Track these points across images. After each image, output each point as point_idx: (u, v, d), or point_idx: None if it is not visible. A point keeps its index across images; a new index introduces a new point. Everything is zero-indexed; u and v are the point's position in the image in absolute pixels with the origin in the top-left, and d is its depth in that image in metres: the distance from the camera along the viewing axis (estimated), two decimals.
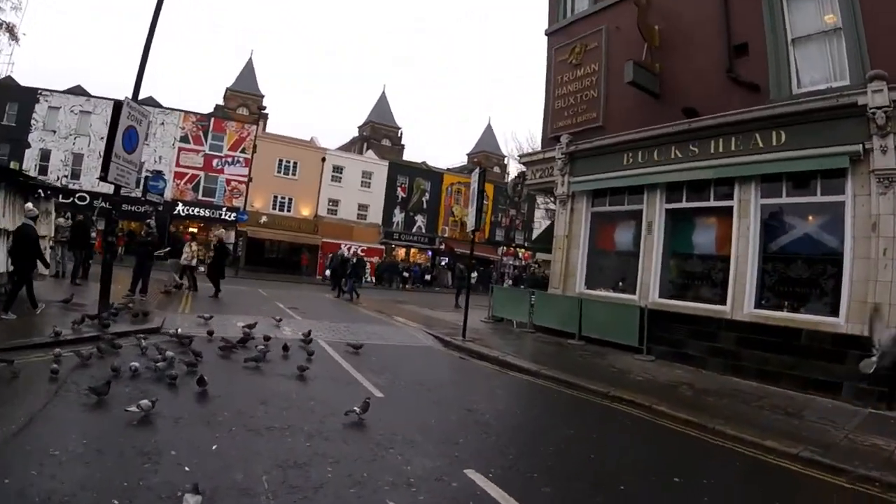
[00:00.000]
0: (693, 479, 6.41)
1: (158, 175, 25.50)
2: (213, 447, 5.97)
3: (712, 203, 13.82)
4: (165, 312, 14.24)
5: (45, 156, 39.61)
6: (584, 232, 17.07)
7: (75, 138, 39.65)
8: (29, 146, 38.85)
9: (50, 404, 6.81)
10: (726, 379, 11.79)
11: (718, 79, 13.50)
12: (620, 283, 15.96)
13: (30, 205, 13.95)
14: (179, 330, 11.34)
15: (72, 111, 40.22)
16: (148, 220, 17.73)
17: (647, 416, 8.86)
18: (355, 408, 7.32)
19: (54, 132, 39.78)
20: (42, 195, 14.76)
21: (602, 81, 16.58)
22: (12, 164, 27.90)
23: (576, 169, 17.22)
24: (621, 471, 6.48)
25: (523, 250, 53.55)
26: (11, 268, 11.82)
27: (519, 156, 23.84)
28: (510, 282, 46.86)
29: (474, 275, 36.62)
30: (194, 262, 20.41)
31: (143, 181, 27.16)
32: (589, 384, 10.21)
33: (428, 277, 45.76)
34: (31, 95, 40.17)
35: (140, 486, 4.95)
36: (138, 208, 33.87)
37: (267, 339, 11.20)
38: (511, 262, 53.23)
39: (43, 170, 37.86)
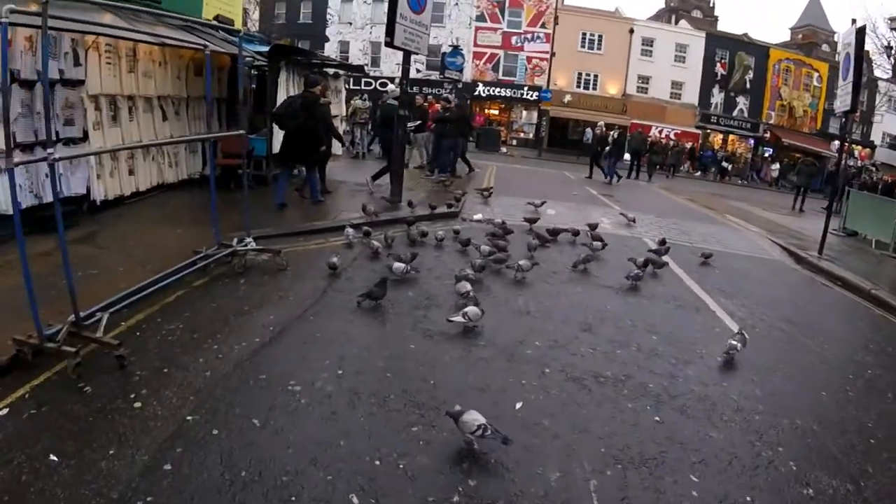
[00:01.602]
0: None
1: (456, 50, 23.67)
2: (517, 406, 4.06)
3: None
4: (466, 195, 12.84)
5: (343, 47, 41.15)
6: None
7: (371, 27, 40.22)
8: (328, 40, 40.71)
9: (310, 311, 5.51)
10: None
11: None
12: None
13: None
14: (480, 217, 10.00)
15: (364, 2, 40.80)
16: (446, 95, 15.90)
17: None
18: (735, 343, 5.22)
19: (350, 24, 41.05)
20: (329, 73, 13.86)
21: None
22: None
23: None
24: None
25: (860, 148, 43.24)
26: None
27: None
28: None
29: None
30: None
31: (440, 59, 26.08)
32: None
33: (728, 166, 38.89)
34: None
35: (399, 470, 3.28)
36: (438, 91, 33.50)
37: (598, 240, 8.92)
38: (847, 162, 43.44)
39: (344, 60, 39.14)
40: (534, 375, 4.49)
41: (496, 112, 40.34)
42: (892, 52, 23.78)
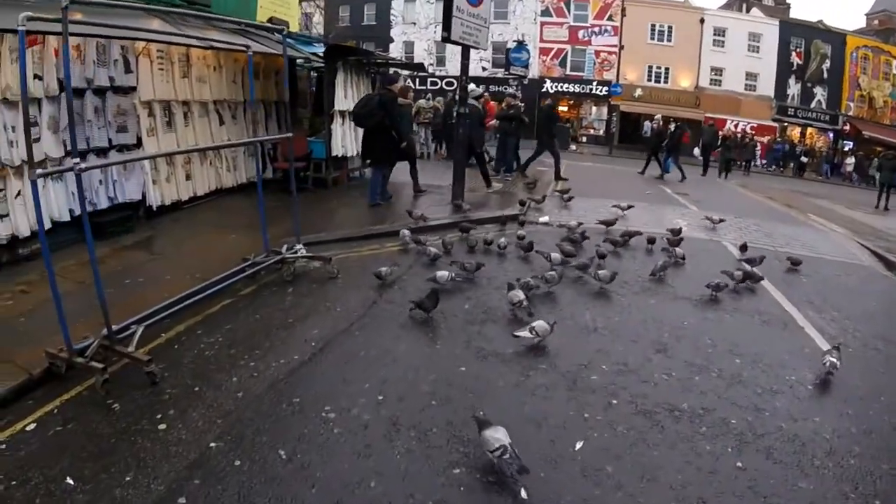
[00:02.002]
0: None
1: (521, 46, 22.91)
2: (577, 446, 3.57)
3: None
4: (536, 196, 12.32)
5: (409, 48, 40.85)
6: None
7: (435, 27, 38.56)
8: (392, 41, 40.18)
9: (357, 324, 5.19)
10: None
11: None
12: None
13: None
14: (546, 219, 9.56)
15: (428, 1, 40.35)
16: (511, 92, 15.04)
17: None
18: (834, 360, 4.71)
19: (414, 24, 40.85)
20: (390, 73, 13.51)
21: None
22: None
23: None
24: None
25: None
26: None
27: None
28: None
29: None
30: None
31: (505, 55, 25.42)
32: None
33: (806, 160, 36.36)
34: None
35: None
36: (504, 88, 32.77)
37: (675, 242, 8.26)
38: None
39: (409, 60, 39.26)
40: (599, 407, 3.97)
41: (565, 108, 39.34)
42: None
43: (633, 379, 4.40)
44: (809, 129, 39.86)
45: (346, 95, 11.20)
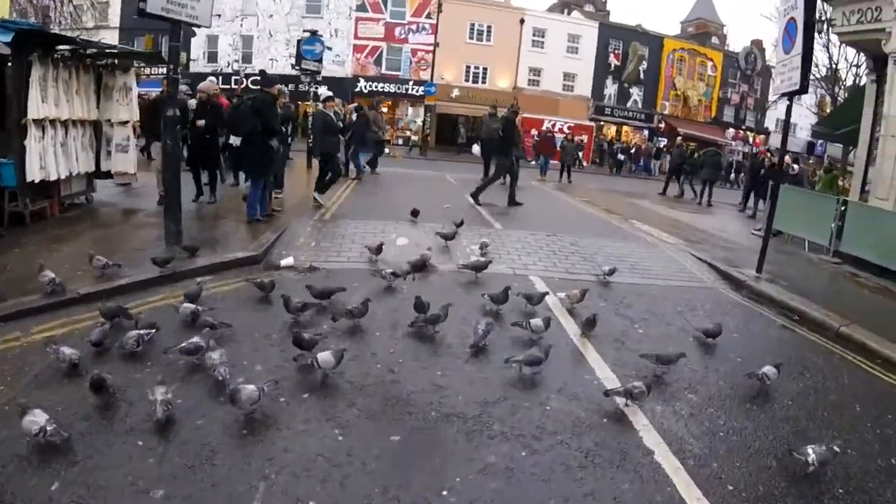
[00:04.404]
0: None
1: (314, 37, 19.30)
2: None
3: None
4: (293, 221, 9.44)
5: (212, 42, 36.67)
6: None
7: (242, 20, 36.17)
8: (194, 35, 35.13)
9: None
10: None
11: None
12: None
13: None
14: (291, 261, 6.96)
15: None
16: (280, 87, 11.18)
17: None
18: None
19: (219, 16, 34.66)
20: (117, 67, 9.91)
21: None
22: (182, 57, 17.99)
23: None
24: None
25: (754, 134, 43.05)
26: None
27: None
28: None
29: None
30: None
31: (295, 47, 21.98)
32: None
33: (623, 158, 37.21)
34: None
35: None
36: (298, 87, 27.79)
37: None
38: (740, 149, 43.39)
39: (212, 56, 35.49)
40: None
41: (384, 110, 37.29)
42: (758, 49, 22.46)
43: None
44: (625, 127, 41.28)
45: (47, 98, 7.96)
